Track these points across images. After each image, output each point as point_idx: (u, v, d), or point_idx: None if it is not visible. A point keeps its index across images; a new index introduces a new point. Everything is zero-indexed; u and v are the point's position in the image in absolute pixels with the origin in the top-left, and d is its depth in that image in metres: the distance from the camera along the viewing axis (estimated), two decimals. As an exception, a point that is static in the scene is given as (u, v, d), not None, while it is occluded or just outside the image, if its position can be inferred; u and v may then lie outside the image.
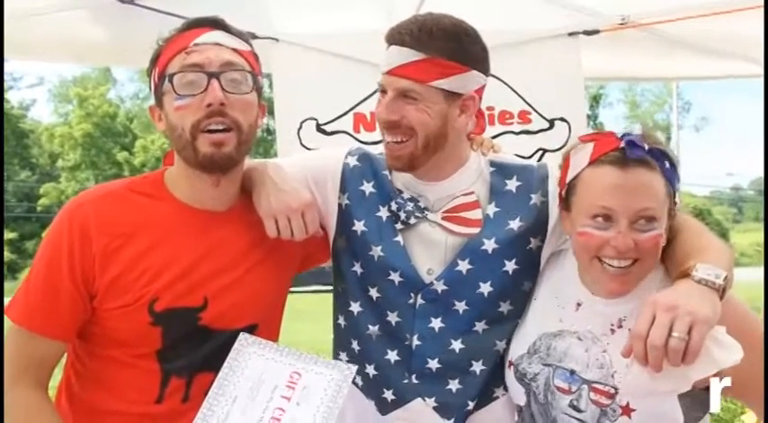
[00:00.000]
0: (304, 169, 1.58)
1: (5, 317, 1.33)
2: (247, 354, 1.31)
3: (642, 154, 1.29)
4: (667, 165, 1.31)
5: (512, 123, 2.95)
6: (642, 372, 1.17)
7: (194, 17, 1.39)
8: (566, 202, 1.39)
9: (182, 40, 1.35)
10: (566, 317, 1.42)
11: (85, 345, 1.38)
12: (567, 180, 1.38)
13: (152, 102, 1.43)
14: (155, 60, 1.38)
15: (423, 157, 1.46)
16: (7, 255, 27.06)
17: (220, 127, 1.31)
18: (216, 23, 1.38)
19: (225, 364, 1.30)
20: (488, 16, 2.79)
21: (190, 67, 1.31)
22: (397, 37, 1.41)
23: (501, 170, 1.55)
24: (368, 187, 1.55)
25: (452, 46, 1.40)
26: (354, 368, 1.34)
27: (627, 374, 1.24)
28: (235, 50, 1.37)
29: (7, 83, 30.99)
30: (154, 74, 1.38)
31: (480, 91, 1.50)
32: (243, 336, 1.34)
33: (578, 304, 1.42)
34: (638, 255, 1.29)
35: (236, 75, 1.34)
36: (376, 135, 2.94)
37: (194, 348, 1.36)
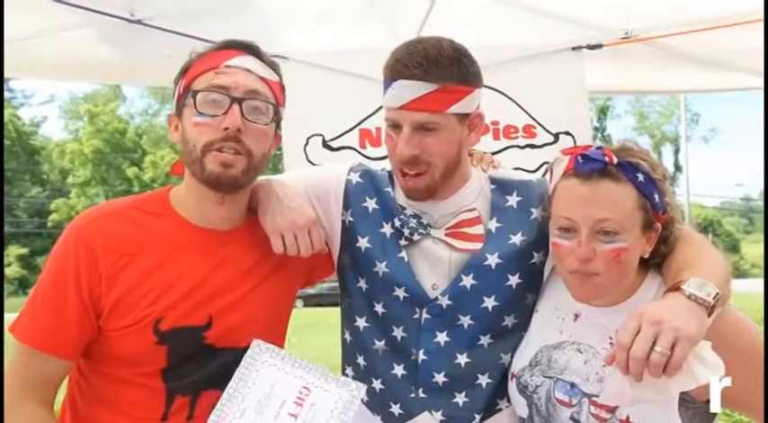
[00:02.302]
0: (307, 186, 1.59)
1: (11, 334, 1.34)
2: (260, 363, 1.31)
3: (591, 168, 1.30)
4: (641, 177, 1.30)
5: (516, 137, 2.97)
6: (623, 380, 1.17)
7: (230, 39, 1.40)
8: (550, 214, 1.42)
9: (214, 59, 1.37)
10: (566, 328, 1.43)
11: (90, 363, 1.38)
12: (549, 192, 1.42)
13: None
14: (183, 72, 1.39)
15: (441, 184, 1.48)
16: (18, 270, 27.23)
17: (231, 152, 1.33)
18: (250, 49, 1.40)
19: (236, 373, 1.30)
20: (492, 32, 2.85)
21: (216, 87, 1.33)
22: (404, 71, 1.38)
23: (501, 186, 1.56)
24: (371, 204, 1.56)
25: (458, 70, 1.40)
26: (363, 389, 1.33)
27: (609, 381, 1.24)
28: (263, 79, 1.38)
29: (19, 100, 31.40)
30: (180, 85, 1.39)
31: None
32: (256, 342, 1.33)
33: (576, 315, 1.43)
34: (599, 266, 1.31)
35: (259, 104, 1.36)
36: (381, 151, 2.98)
37: (200, 366, 1.37)
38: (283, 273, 1.49)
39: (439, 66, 1.37)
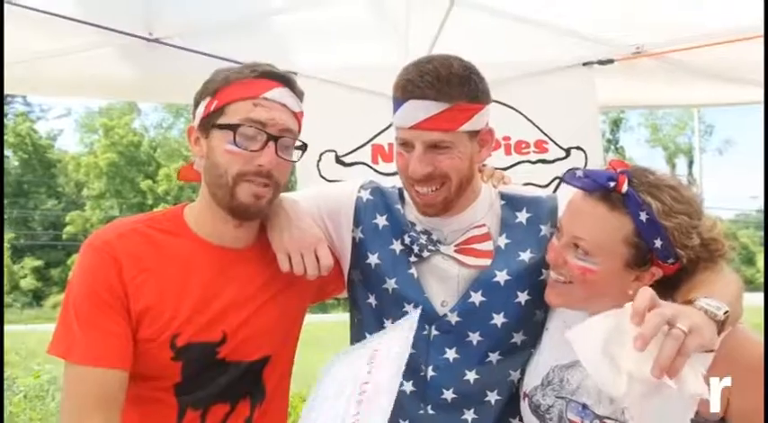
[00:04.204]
0: (318, 203, 1.61)
1: (58, 357, 1.32)
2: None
3: (580, 184, 1.32)
4: (643, 217, 1.28)
5: (528, 153, 2.99)
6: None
7: (268, 68, 1.41)
8: None
9: (252, 88, 1.38)
10: None
11: None
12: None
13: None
14: (214, 91, 1.39)
15: (455, 200, 1.49)
16: (33, 282, 27.41)
17: (262, 185, 1.36)
18: (287, 81, 1.43)
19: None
20: (503, 48, 2.87)
21: (254, 122, 1.35)
22: (416, 91, 1.38)
23: (511, 202, 1.57)
24: (381, 220, 1.58)
25: (469, 89, 1.41)
26: (417, 313, 1.31)
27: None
28: (294, 114, 1.42)
29: (36, 114, 31.82)
30: (210, 103, 1.39)
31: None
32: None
33: None
34: (569, 276, 1.35)
35: (290, 141, 1.40)
36: (394, 166, 2.95)
37: (211, 381, 1.39)
38: (294, 289, 1.51)
39: (450, 85, 1.38)
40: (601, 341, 1.10)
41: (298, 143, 1.43)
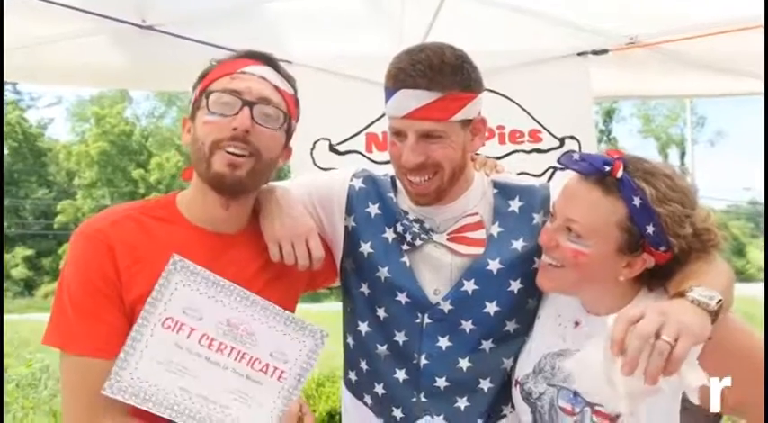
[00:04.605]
0: (310, 192, 1.61)
1: (54, 347, 1.31)
2: (173, 283, 1.31)
3: (577, 168, 1.33)
4: (636, 202, 1.29)
5: (522, 142, 2.99)
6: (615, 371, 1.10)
7: (249, 49, 1.44)
8: None
9: (230, 66, 1.40)
10: (568, 336, 1.45)
11: None
12: None
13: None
14: (201, 78, 1.43)
15: (448, 189, 1.49)
16: (24, 271, 27.30)
17: (238, 152, 1.34)
18: (268, 60, 1.43)
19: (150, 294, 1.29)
20: (498, 37, 2.87)
21: (229, 90, 1.35)
22: (408, 81, 1.38)
23: (504, 191, 1.57)
24: (373, 209, 1.58)
25: (461, 78, 1.40)
26: (326, 338, 1.37)
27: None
28: (276, 88, 1.41)
29: (26, 102, 31.52)
30: (197, 90, 1.43)
31: None
32: (173, 259, 1.31)
33: (576, 323, 1.44)
34: (562, 259, 1.36)
35: (270, 110, 1.38)
36: (388, 155, 2.99)
37: None
38: (287, 278, 1.50)
39: (442, 74, 1.37)
40: (597, 372, 1.13)
41: (280, 115, 1.39)
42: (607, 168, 1.30)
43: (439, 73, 1.37)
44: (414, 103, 1.39)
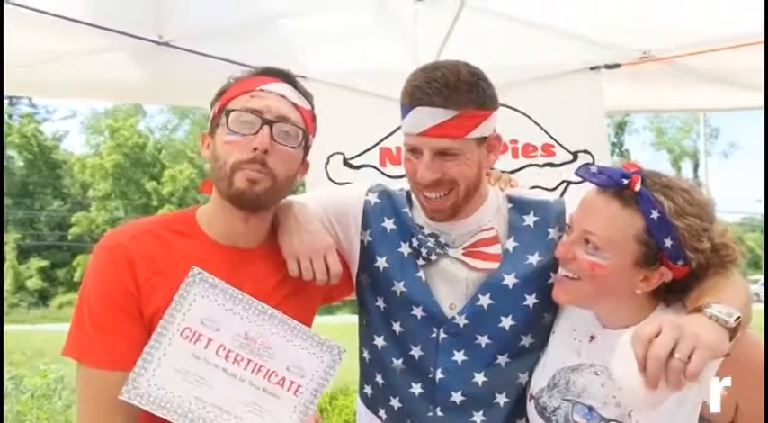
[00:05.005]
0: (326, 206, 1.62)
1: (72, 359, 1.33)
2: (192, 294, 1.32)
3: (596, 181, 1.34)
4: (654, 215, 1.29)
5: (535, 156, 3.00)
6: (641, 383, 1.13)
7: (267, 66, 1.45)
8: None
9: (249, 83, 1.42)
10: (583, 350, 1.44)
11: None
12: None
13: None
14: (219, 94, 1.45)
15: (463, 205, 1.50)
16: (38, 282, 27.51)
17: (255, 170, 1.36)
18: (286, 77, 1.45)
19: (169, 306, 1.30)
20: (511, 52, 2.88)
21: (249, 109, 1.37)
22: (424, 99, 1.39)
23: (519, 205, 1.58)
24: (389, 224, 1.59)
25: (477, 96, 1.41)
26: (344, 354, 1.38)
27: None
28: (294, 106, 1.42)
29: (42, 115, 31.93)
30: (216, 106, 1.44)
31: None
32: (193, 272, 1.33)
33: (592, 337, 1.44)
34: (578, 271, 1.36)
35: (289, 128, 1.40)
36: (402, 169, 2.98)
37: None
38: (304, 292, 1.51)
39: (458, 92, 1.38)
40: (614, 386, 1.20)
41: (299, 132, 1.41)
42: (625, 181, 1.31)
43: (455, 91, 1.38)
44: (429, 120, 1.39)
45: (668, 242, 1.29)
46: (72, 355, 1.33)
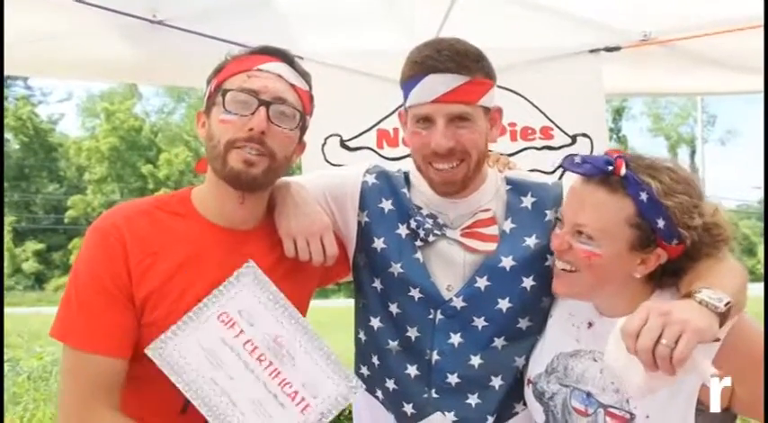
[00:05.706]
0: (324, 187, 1.61)
1: (58, 340, 1.33)
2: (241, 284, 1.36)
3: (581, 170, 1.33)
4: (643, 197, 1.29)
5: (534, 139, 2.97)
6: (636, 370, 1.14)
7: (265, 45, 1.44)
8: None
9: (247, 62, 1.40)
10: (581, 336, 1.44)
11: None
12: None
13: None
14: (216, 72, 1.43)
15: (473, 177, 1.50)
16: (34, 265, 27.50)
17: (254, 152, 1.34)
18: (284, 56, 1.43)
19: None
20: (510, 34, 2.85)
21: (246, 89, 1.35)
22: (436, 65, 1.41)
23: (517, 187, 1.57)
24: (387, 205, 1.58)
25: (483, 64, 1.45)
26: (360, 389, 1.38)
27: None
28: (292, 86, 1.41)
29: (37, 98, 31.68)
30: (212, 84, 1.42)
31: None
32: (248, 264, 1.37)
33: (590, 323, 1.44)
34: (574, 262, 1.35)
35: (286, 109, 1.38)
36: (399, 151, 2.99)
37: None
38: (301, 273, 1.50)
39: (468, 58, 1.42)
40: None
41: (296, 114, 1.39)
42: (610, 167, 1.30)
43: (465, 57, 1.42)
44: (442, 87, 1.41)
45: (661, 222, 1.29)
46: (56, 335, 1.33)
